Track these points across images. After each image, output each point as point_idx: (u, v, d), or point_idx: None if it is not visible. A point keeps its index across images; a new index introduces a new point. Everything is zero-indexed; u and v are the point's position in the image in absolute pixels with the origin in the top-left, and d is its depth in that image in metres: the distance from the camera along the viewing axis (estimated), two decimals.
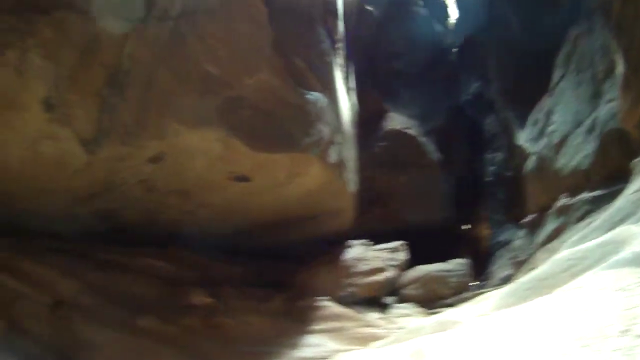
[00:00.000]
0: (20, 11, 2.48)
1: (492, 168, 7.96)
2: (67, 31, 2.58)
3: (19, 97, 2.59)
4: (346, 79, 4.69)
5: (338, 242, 4.61)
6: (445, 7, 9.55)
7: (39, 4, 2.50)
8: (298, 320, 3.71)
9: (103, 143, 2.85)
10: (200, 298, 3.60)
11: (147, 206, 3.48)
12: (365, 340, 3.49)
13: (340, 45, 4.51)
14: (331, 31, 4.19)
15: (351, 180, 4.39)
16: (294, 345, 3.43)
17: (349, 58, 4.89)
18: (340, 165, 4.04)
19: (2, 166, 2.80)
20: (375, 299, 4.43)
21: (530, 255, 5.07)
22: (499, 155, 7.79)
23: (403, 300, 4.67)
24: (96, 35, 2.65)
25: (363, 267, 4.53)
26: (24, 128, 2.69)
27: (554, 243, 4.36)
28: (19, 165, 2.82)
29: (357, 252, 4.66)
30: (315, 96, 3.73)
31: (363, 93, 5.68)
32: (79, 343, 2.90)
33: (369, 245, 4.80)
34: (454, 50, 9.15)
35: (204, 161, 3.24)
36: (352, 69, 5.06)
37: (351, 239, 4.74)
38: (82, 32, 2.63)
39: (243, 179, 3.46)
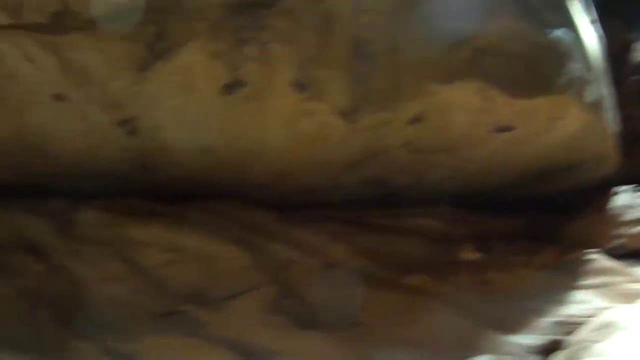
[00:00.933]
0: (250, 9, 2.56)
1: None
2: (298, 17, 2.63)
3: (269, 85, 2.70)
4: (586, 11, 4.32)
5: (603, 190, 4.23)
6: None
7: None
8: (565, 274, 3.51)
9: (361, 112, 2.88)
10: (469, 254, 3.54)
11: (413, 168, 3.45)
12: (633, 296, 3.23)
13: None
14: None
15: (611, 120, 3.96)
16: (560, 302, 3.26)
17: None
18: (597, 104, 3.68)
19: (262, 149, 2.96)
20: None
21: None
22: None
23: None
24: (328, 13, 2.67)
25: (632, 215, 4.10)
26: (280, 111, 2.80)
27: None
28: (279, 144, 2.95)
29: (624, 199, 4.24)
30: (559, 33, 3.41)
31: (605, 24, 5.20)
32: (347, 303, 2.98)
33: (637, 191, 4.30)
34: None
35: (464, 115, 3.13)
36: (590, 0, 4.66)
37: (615, 185, 4.28)
38: (313, 14, 2.65)
39: (505, 129, 3.31)
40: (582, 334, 2.98)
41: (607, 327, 2.83)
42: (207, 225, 3.10)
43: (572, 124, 3.57)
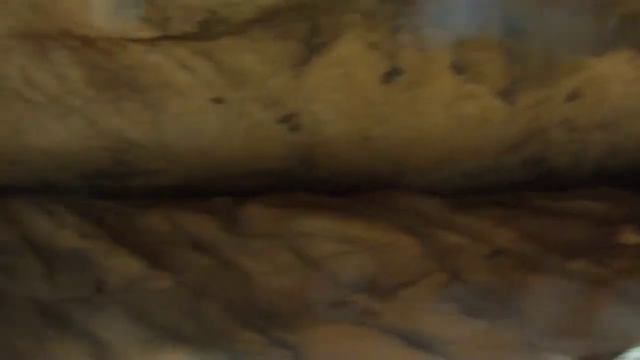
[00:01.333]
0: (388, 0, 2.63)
1: None
2: None
3: (427, 70, 2.75)
4: None
5: None
6: None
7: None
8: None
9: (519, 91, 2.90)
10: (631, 237, 3.37)
11: (571, 147, 3.43)
12: None
13: None
14: None
15: None
16: None
17: None
18: None
19: (422, 135, 2.99)
20: None
21: None
22: None
23: None
24: None
25: None
26: (440, 96, 2.84)
27: None
28: (440, 130, 2.98)
29: None
30: None
31: None
32: (513, 289, 2.91)
33: None
34: None
35: (618, 88, 3.11)
36: None
37: None
38: None
39: None
40: None
41: None
42: (374, 215, 3.12)
43: None
